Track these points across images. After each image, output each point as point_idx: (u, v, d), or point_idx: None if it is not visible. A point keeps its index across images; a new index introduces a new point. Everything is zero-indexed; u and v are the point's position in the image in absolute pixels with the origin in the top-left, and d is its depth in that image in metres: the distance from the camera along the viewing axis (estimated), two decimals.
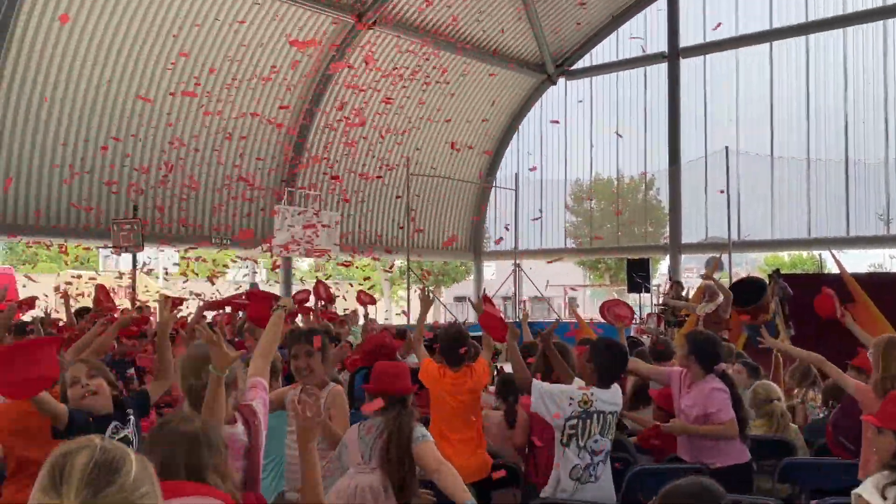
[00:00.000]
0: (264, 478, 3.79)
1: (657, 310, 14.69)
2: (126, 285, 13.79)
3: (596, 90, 23.07)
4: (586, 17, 21.74)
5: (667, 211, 21.54)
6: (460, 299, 37.15)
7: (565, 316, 26.36)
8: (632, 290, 18.95)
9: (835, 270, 10.61)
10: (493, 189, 23.91)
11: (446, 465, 3.54)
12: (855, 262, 17.91)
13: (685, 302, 11.12)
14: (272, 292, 3.98)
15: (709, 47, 20.46)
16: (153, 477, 1.56)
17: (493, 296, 20.18)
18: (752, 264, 37.51)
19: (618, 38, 22.39)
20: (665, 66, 21.22)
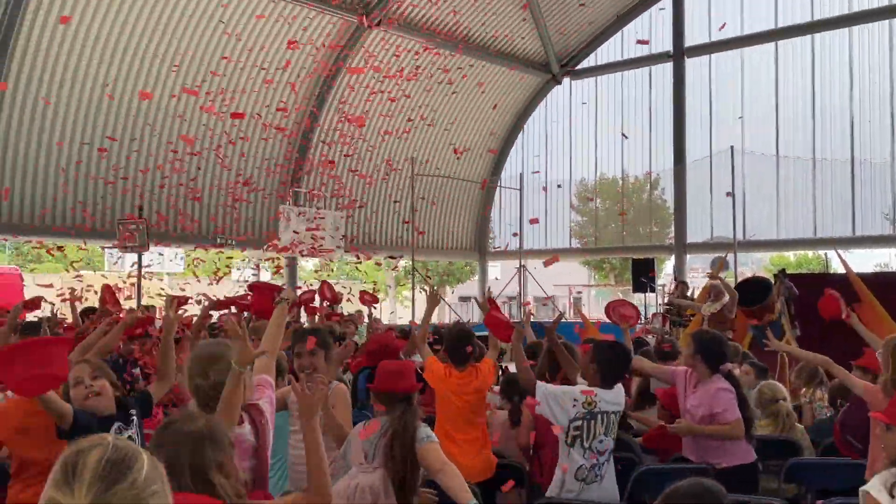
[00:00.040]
0: (269, 477, 3.79)
1: (662, 310, 14.66)
2: (130, 284, 13.79)
3: (601, 90, 23.04)
4: (591, 17, 21.72)
5: (672, 210, 21.51)
6: (465, 299, 37.14)
7: (570, 316, 26.33)
8: (637, 289, 18.91)
9: (841, 270, 10.59)
10: (498, 189, 23.89)
11: (450, 465, 3.54)
12: (861, 262, 17.87)
13: (691, 301, 11.12)
14: (275, 284, 3.96)
15: (714, 47, 20.37)
16: (164, 477, 1.57)
17: (498, 295, 20.23)
18: (757, 264, 37.46)
19: (623, 38, 22.35)
20: (670, 65, 21.19)
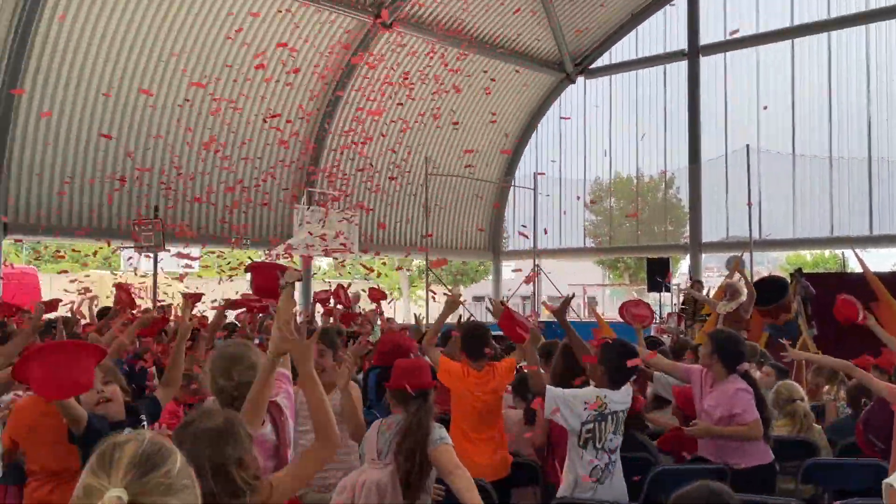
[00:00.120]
0: None
1: (677, 309, 14.62)
2: (143, 284, 13.84)
3: (615, 88, 22.96)
4: (605, 16, 21.65)
5: (687, 210, 21.40)
6: (479, 299, 37.09)
7: (585, 316, 26.25)
8: (652, 289, 18.83)
9: (858, 269, 10.52)
10: (512, 188, 23.85)
11: (462, 468, 3.54)
12: (878, 261, 17.65)
13: (707, 297, 11.12)
14: (276, 263, 3.91)
15: (729, 45, 20.17)
16: (193, 476, 1.64)
17: (512, 295, 20.20)
18: (773, 263, 37.23)
19: (637, 36, 22.27)
20: (685, 63, 21.07)
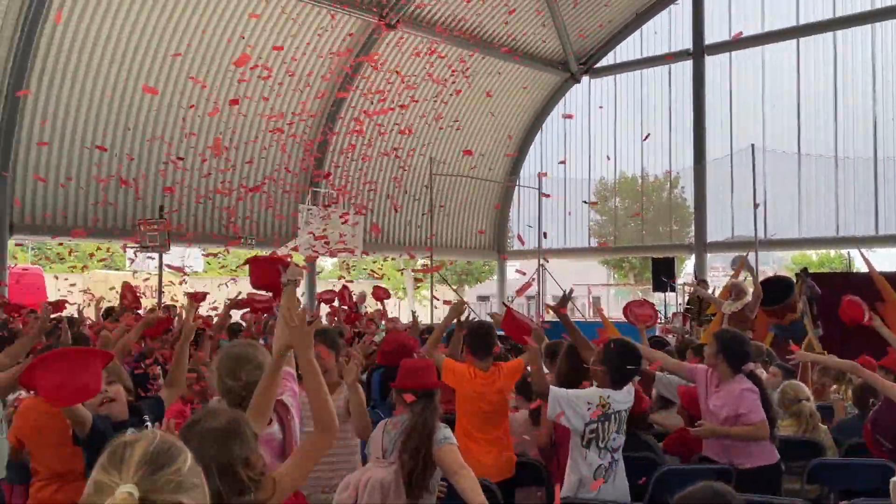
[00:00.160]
0: None
1: (682, 308, 14.61)
2: (146, 283, 13.89)
3: (620, 88, 22.94)
4: (610, 15, 21.63)
5: (692, 209, 21.37)
6: (483, 298, 37.13)
7: (589, 315, 26.21)
8: (657, 289, 18.80)
9: (863, 269, 10.49)
10: (517, 188, 23.84)
11: (466, 469, 3.54)
12: (884, 261, 17.58)
13: (713, 296, 11.11)
14: (277, 257, 3.87)
15: (734, 44, 20.09)
16: (202, 477, 1.65)
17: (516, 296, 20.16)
18: (778, 263, 37.18)
19: (642, 36, 22.25)
20: (690, 63, 21.05)
